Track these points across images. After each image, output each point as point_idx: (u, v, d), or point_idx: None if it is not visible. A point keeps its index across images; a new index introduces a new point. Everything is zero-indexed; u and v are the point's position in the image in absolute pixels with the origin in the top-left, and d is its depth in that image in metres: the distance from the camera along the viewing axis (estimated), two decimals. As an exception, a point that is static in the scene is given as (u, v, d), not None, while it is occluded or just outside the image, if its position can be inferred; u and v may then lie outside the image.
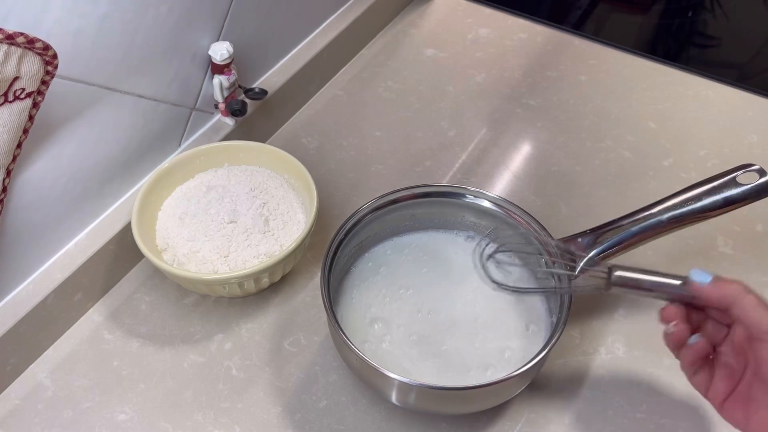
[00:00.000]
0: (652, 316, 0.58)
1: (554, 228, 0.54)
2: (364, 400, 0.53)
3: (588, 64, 0.82)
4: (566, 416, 0.52)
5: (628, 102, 0.77)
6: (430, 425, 0.52)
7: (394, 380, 0.45)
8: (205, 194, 0.59)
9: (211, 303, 0.59)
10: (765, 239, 0.64)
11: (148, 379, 0.54)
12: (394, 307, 0.54)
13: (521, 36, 0.86)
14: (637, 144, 0.72)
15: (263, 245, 0.56)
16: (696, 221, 0.51)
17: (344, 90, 0.79)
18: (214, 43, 0.61)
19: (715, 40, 0.90)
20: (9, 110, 0.43)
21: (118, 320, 0.58)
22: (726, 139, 0.73)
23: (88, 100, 0.52)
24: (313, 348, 0.56)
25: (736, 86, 0.79)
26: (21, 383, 0.54)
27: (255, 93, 0.66)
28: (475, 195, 0.55)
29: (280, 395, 0.53)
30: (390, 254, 0.58)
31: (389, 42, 0.85)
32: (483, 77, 0.80)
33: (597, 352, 0.56)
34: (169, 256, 0.56)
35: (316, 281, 0.61)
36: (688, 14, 0.93)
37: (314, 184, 0.58)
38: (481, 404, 0.49)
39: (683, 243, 0.63)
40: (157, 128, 0.60)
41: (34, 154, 0.49)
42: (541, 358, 0.45)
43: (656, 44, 0.88)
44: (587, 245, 0.52)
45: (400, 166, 0.70)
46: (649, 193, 0.67)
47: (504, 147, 0.72)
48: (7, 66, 0.41)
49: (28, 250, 0.53)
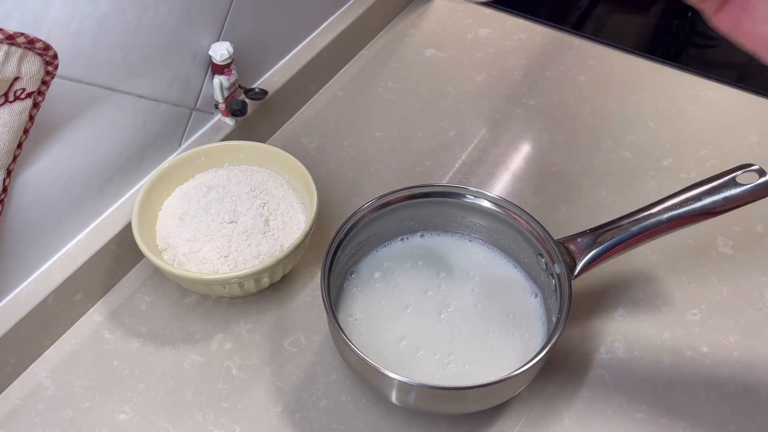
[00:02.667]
0: (652, 316, 0.58)
1: (554, 228, 0.54)
2: (364, 400, 0.53)
3: (588, 64, 0.82)
4: (566, 416, 0.52)
5: (628, 102, 0.77)
6: (430, 425, 0.52)
7: (394, 380, 0.45)
8: (206, 194, 0.59)
9: (211, 303, 0.59)
10: (765, 239, 0.64)
11: (148, 379, 0.54)
12: (394, 308, 0.54)
13: (521, 36, 0.86)
14: (637, 144, 0.72)
15: (263, 245, 0.56)
16: (696, 221, 0.51)
17: (344, 90, 0.79)
18: (214, 43, 0.61)
19: (715, 40, 0.90)
20: (9, 110, 0.43)
21: (118, 320, 0.58)
22: (726, 139, 0.73)
23: (89, 100, 0.52)
24: (313, 348, 0.56)
25: (736, 86, 0.79)
26: (21, 383, 0.54)
27: (255, 93, 0.66)
28: (475, 195, 0.55)
29: (280, 395, 0.53)
30: (390, 256, 0.58)
31: (389, 42, 0.85)
32: (483, 77, 0.80)
33: (597, 352, 0.56)
34: (170, 256, 0.56)
35: (316, 281, 0.61)
36: (688, 14, 0.93)
37: (314, 184, 0.58)
38: (481, 404, 0.49)
39: (683, 243, 0.63)
40: (157, 128, 0.60)
41: (34, 154, 0.49)
42: (541, 358, 0.45)
43: (656, 44, 0.88)
44: (587, 245, 0.52)
45: (400, 166, 0.70)
46: (649, 193, 0.68)
47: (504, 147, 0.72)
48: (7, 66, 0.41)
49: (29, 250, 0.53)
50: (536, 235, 0.53)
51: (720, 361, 0.55)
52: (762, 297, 0.59)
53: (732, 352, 0.56)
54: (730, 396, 0.53)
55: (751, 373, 0.55)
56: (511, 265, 0.57)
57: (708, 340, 0.57)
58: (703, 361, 0.55)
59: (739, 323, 0.58)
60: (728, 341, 0.56)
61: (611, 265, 0.59)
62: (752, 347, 0.56)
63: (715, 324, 0.58)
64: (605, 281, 0.60)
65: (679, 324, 0.58)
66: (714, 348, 0.56)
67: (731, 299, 0.59)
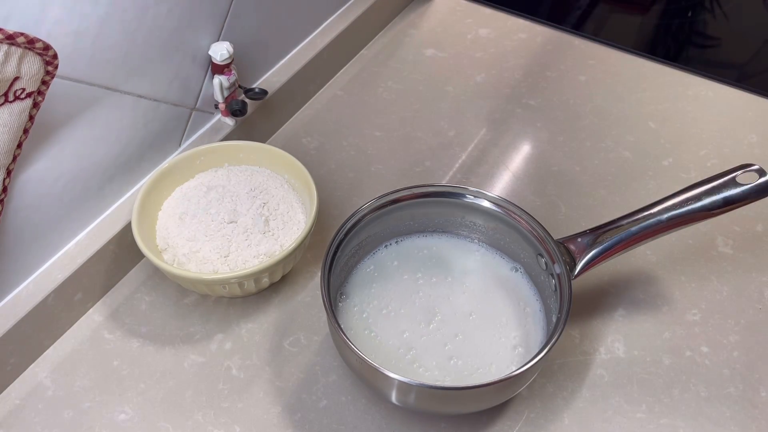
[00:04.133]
0: (652, 316, 0.58)
1: (554, 228, 0.54)
2: (364, 400, 0.53)
3: (588, 64, 0.82)
4: (566, 416, 0.52)
5: (628, 102, 0.77)
6: (430, 425, 0.52)
7: (393, 380, 0.45)
8: (205, 194, 0.59)
9: (211, 303, 0.59)
10: (765, 239, 0.64)
11: (148, 379, 0.54)
12: (394, 308, 0.54)
13: (521, 36, 0.86)
14: (637, 144, 0.72)
15: (263, 245, 0.56)
16: (696, 221, 0.51)
17: (344, 90, 0.79)
18: (214, 43, 0.61)
19: (715, 40, 0.90)
20: (9, 110, 0.43)
21: (118, 320, 0.58)
22: (726, 139, 0.73)
23: (89, 100, 0.52)
24: (313, 348, 0.56)
25: (735, 86, 0.79)
26: (21, 383, 0.54)
27: (255, 93, 0.66)
28: (475, 195, 0.55)
29: (280, 395, 0.53)
30: (390, 255, 0.58)
31: (389, 42, 0.85)
32: (483, 77, 0.80)
33: (597, 352, 0.56)
34: (169, 256, 0.56)
35: (316, 281, 0.61)
36: (688, 14, 0.93)
37: (314, 184, 0.58)
38: (481, 404, 0.49)
39: (683, 243, 0.63)
40: (157, 128, 0.60)
41: (34, 154, 0.49)
42: (541, 358, 0.45)
43: (656, 44, 0.88)
44: (587, 245, 0.52)
45: (400, 166, 0.70)
46: (649, 193, 0.68)
47: (504, 147, 0.72)
48: (7, 66, 0.41)
49: (29, 250, 0.53)
50: (536, 235, 0.53)
51: (720, 361, 0.55)
52: (762, 297, 0.59)
53: (732, 352, 0.56)
54: (730, 396, 0.53)
55: (751, 373, 0.55)
56: (511, 265, 0.57)
57: (708, 340, 0.57)
58: (703, 361, 0.55)
59: (739, 323, 0.58)
60: (728, 341, 0.56)
61: (611, 265, 0.59)
62: (752, 347, 0.56)
63: (715, 324, 0.58)
64: (605, 281, 0.60)
65: (679, 324, 0.58)
66: (714, 348, 0.56)
67: (731, 299, 0.59)
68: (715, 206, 0.50)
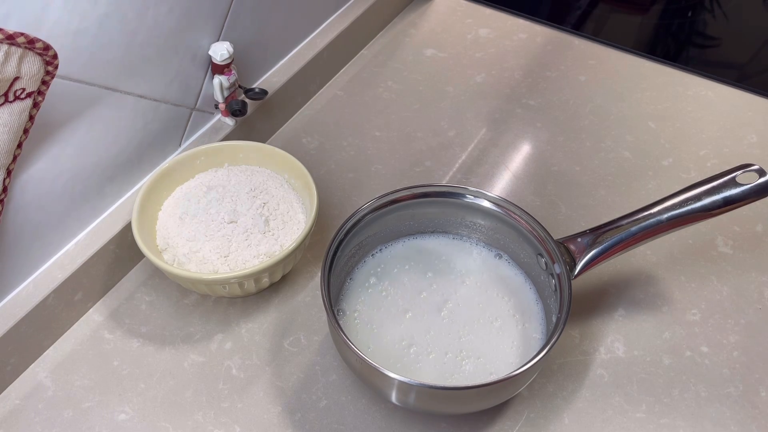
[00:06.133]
0: (652, 316, 0.58)
1: (554, 228, 0.54)
2: (364, 400, 0.53)
3: (588, 64, 0.82)
4: (566, 416, 0.52)
5: (628, 102, 0.77)
6: (430, 425, 0.52)
7: (394, 380, 0.45)
8: (205, 194, 0.59)
9: (211, 303, 0.59)
10: (765, 239, 0.64)
11: (148, 379, 0.54)
12: (394, 308, 0.54)
13: (521, 36, 0.86)
14: (637, 144, 0.72)
15: (263, 245, 0.56)
16: (696, 221, 0.51)
17: (344, 90, 0.79)
18: (214, 43, 0.61)
19: (715, 40, 0.90)
20: (9, 110, 0.43)
21: (118, 320, 0.58)
22: (726, 139, 0.73)
23: (88, 100, 0.52)
24: (313, 348, 0.56)
25: (735, 86, 0.79)
26: (21, 383, 0.54)
27: (255, 93, 0.66)
28: (475, 195, 0.55)
29: (280, 395, 0.53)
30: (390, 255, 0.58)
31: (389, 42, 0.85)
32: (483, 77, 0.80)
33: (597, 352, 0.56)
34: (169, 256, 0.56)
35: (316, 281, 0.61)
36: (688, 14, 0.93)
37: (314, 184, 0.58)
38: (481, 404, 0.49)
39: (683, 243, 0.63)
40: (157, 128, 0.60)
41: (34, 154, 0.49)
42: (541, 358, 0.45)
43: (656, 44, 0.89)
44: (587, 245, 0.52)
45: (400, 166, 0.70)
46: (649, 193, 0.68)
47: (504, 147, 0.73)
48: (7, 66, 0.41)
49: (29, 249, 0.53)
50: (536, 235, 0.53)
51: (720, 361, 0.55)
52: (762, 297, 0.59)
53: (732, 352, 0.56)
54: (730, 396, 0.53)
55: (751, 373, 0.55)
56: (511, 265, 0.57)
57: (708, 340, 0.57)
58: (703, 361, 0.55)
59: (739, 323, 0.58)
60: (728, 341, 0.56)
61: (611, 265, 0.59)
62: (752, 347, 0.56)
63: (715, 324, 0.58)
64: (605, 281, 0.60)
65: (679, 324, 0.58)
66: (714, 348, 0.56)
67: (731, 299, 0.59)
68: (715, 206, 0.50)
